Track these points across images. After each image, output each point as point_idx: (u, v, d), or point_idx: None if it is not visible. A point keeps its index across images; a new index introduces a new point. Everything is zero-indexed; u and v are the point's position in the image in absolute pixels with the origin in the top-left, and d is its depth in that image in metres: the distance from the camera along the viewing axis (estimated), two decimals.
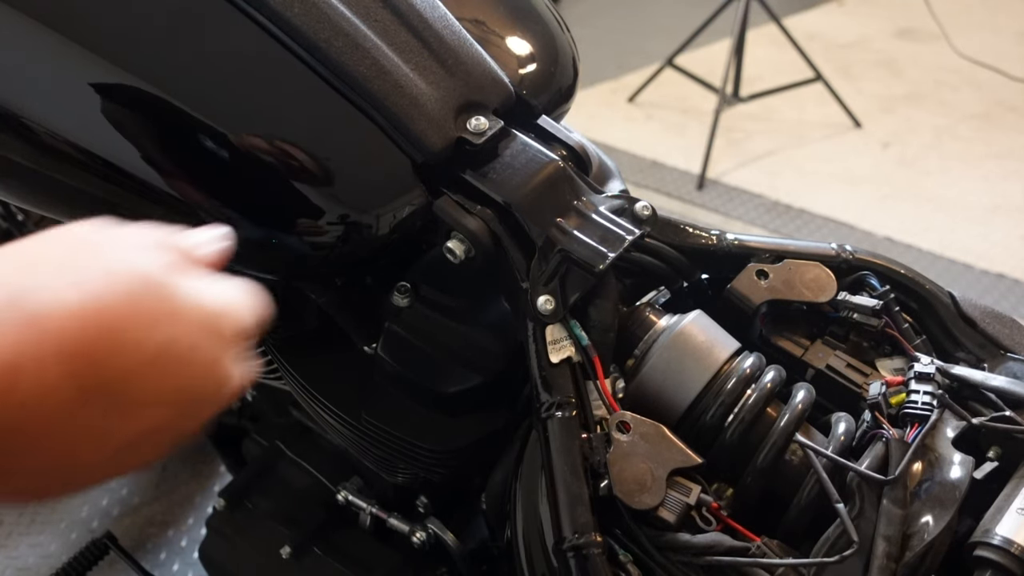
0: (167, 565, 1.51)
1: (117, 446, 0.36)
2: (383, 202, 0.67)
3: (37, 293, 0.33)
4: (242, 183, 0.66)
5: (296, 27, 0.61)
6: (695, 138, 2.81)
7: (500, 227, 0.67)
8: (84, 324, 0.33)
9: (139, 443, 0.37)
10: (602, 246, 0.65)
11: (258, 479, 0.95)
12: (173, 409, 0.37)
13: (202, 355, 0.38)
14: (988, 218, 2.47)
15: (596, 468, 0.60)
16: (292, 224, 0.66)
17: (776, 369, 0.66)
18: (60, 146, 0.66)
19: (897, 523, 0.56)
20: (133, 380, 0.35)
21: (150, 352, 0.35)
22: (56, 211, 0.82)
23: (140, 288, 0.36)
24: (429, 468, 0.82)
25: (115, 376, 0.34)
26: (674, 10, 3.70)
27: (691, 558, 0.58)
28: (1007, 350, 0.69)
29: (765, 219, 2.51)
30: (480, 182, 0.67)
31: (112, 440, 0.36)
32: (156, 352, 0.36)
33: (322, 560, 0.88)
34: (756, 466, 0.62)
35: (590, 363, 0.65)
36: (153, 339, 0.36)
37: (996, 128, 2.92)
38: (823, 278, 0.71)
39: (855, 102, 2.96)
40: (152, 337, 0.36)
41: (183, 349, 0.37)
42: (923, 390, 0.63)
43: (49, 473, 0.35)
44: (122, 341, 0.34)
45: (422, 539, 0.83)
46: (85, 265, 0.36)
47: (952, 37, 3.28)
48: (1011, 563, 0.53)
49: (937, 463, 0.59)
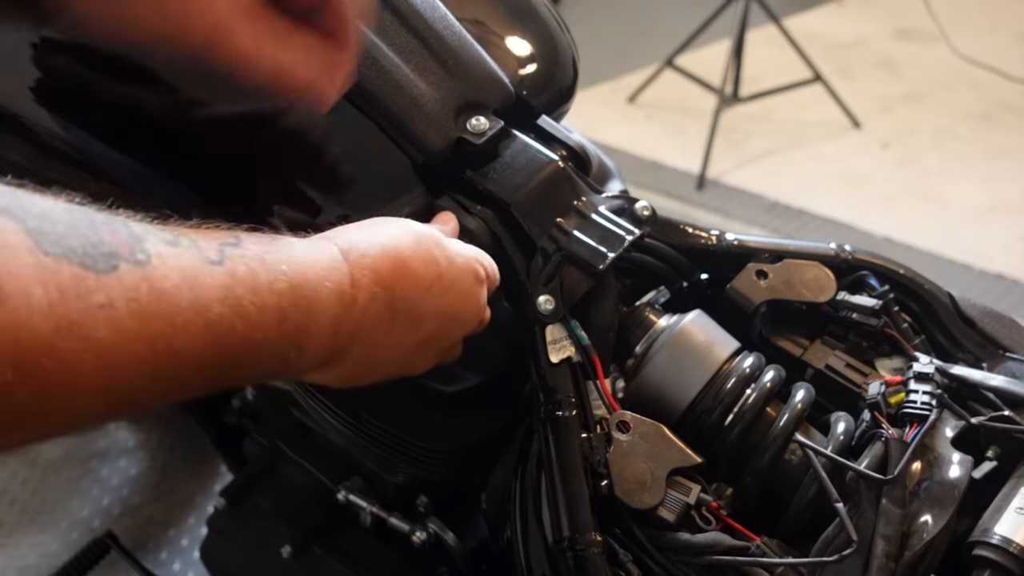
0: (168, 564, 1.50)
1: (406, 349, 0.53)
2: (383, 202, 0.67)
3: (358, 245, 0.49)
4: (242, 183, 0.66)
5: None
6: (695, 138, 2.81)
7: (500, 227, 0.67)
8: (387, 262, 0.50)
9: (419, 349, 0.54)
10: (602, 246, 0.65)
11: (258, 479, 0.95)
12: (439, 324, 0.54)
13: (460, 286, 0.55)
14: (987, 218, 2.48)
15: (596, 468, 0.60)
16: (292, 225, 0.66)
17: (776, 369, 0.66)
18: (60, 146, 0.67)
19: (896, 522, 0.56)
20: (418, 300, 0.51)
21: (428, 280, 0.52)
22: None
23: (418, 238, 0.53)
24: (429, 468, 0.82)
25: (409, 296, 0.51)
26: (674, 10, 3.70)
27: (691, 558, 0.58)
28: (1006, 350, 0.70)
29: (765, 219, 2.51)
30: (480, 182, 0.67)
31: (404, 344, 0.52)
32: (432, 281, 0.52)
33: (322, 560, 0.88)
34: (756, 466, 0.62)
35: (590, 363, 0.65)
36: (430, 272, 0.52)
37: (996, 128, 2.92)
38: (822, 278, 0.71)
39: (855, 102, 2.97)
40: (429, 270, 0.52)
41: (448, 281, 0.53)
42: (922, 390, 0.63)
43: (361, 365, 0.50)
44: (411, 271, 0.51)
45: (422, 539, 0.83)
46: (382, 230, 0.52)
47: (951, 37, 3.28)
48: (1010, 562, 0.53)
49: (936, 463, 0.59)
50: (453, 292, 0.54)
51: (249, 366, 0.41)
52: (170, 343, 0.36)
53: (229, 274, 0.39)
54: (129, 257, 0.35)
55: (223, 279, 0.39)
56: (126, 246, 0.35)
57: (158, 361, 0.36)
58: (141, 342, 0.34)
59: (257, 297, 0.40)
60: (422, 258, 0.52)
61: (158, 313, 0.35)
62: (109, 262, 0.34)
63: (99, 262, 0.33)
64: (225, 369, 0.40)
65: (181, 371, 0.37)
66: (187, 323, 0.36)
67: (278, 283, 0.42)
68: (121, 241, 0.35)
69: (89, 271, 0.33)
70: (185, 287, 0.36)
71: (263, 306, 0.40)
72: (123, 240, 0.35)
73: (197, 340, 0.37)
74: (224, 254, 0.40)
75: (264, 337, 0.41)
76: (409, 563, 0.85)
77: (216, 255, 0.39)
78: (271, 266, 0.42)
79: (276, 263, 0.42)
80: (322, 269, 0.45)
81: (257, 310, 0.40)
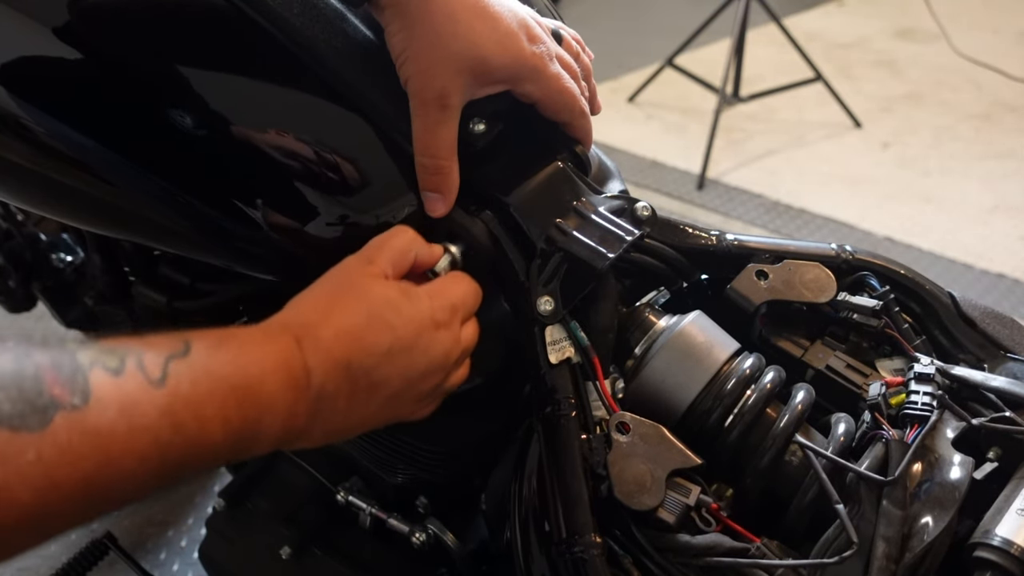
0: (167, 565, 1.50)
1: (375, 410, 0.55)
2: (383, 203, 0.67)
3: (313, 330, 0.52)
4: (242, 184, 0.66)
5: (295, 28, 0.61)
6: (695, 138, 2.81)
7: (500, 228, 0.67)
8: (340, 342, 0.52)
9: (392, 405, 0.56)
10: (602, 247, 0.65)
11: (258, 479, 0.95)
12: (404, 381, 0.56)
13: (420, 341, 0.56)
14: (988, 218, 2.47)
15: (596, 469, 0.60)
16: (292, 225, 0.66)
17: (776, 370, 0.66)
18: (59, 147, 0.66)
19: (897, 524, 0.56)
20: (375, 367, 0.53)
21: (384, 347, 0.54)
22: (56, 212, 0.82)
23: (371, 308, 0.54)
24: (429, 469, 0.82)
25: (364, 365, 0.53)
26: (674, 10, 3.70)
27: (691, 559, 0.58)
28: (1007, 350, 0.69)
29: (765, 219, 2.50)
30: (480, 183, 0.67)
31: (370, 407, 0.55)
32: (388, 345, 0.54)
33: (322, 560, 0.88)
34: (756, 467, 0.62)
35: (590, 364, 0.65)
36: (384, 339, 0.54)
37: (996, 128, 2.92)
38: (823, 278, 0.71)
39: (855, 102, 2.97)
40: (383, 338, 0.54)
41: (406, 341, 0.55)
42: (923, 391, 0.63)
43: (331, 433, 0.53)
44: (365, 345, 0.53)
45: (422, 539, 0.83)
46: (337, 305, 0.54)
47: (952, 37, 3.28)
48: (1011, 564, 0.53)
49: (937, 464, 0.59)
50: (414, 350, 0.55)
51: (198, 465, 0.44)
52: (105, 472, 0.39)
53: (170, 393, 0.42)
54: (67, 402, 0.37)
55: (163, 401, 0.41)
56: (66, 388, 0.38)
57: (94, 490, 0.38)
58: (74, 481, 0.37)
59: (198, 411, 0.43)
60: (376, 327, 0.54)
61: (92, 451, 0.38)
62: (45, 416, 0.36)
63: (31, 421, 0.36)
64: (170, 474, 0.43)
65: (120, 489, 0.40)
66: (124, 451, 0.39)
67: (220, 391, 0.44)
68: (61, 384, 0.38)
69: (21, 432, 0.36)
70: (122, 420, 0.39)
71: (204, 418, 0.43)
72: (64, 381, 0.38)
73: (132, 463, 0.40)
74: (167, 371, 0.42)
75: (209, 442, 0.44)
76: (409, 564, 0.85)
77: (159, 373, 0.42)
78: (215, 372, 0.45)
79: (221, 368, 0.45)
80: (272, 363, 0.48)
81: (197, 422, 0.43)
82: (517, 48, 0.63)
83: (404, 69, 0.61)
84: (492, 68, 0.62)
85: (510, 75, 0.64)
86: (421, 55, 0.60)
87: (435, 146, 0.63)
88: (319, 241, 0.66)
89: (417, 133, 0.63)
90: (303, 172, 0.64)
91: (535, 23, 0.66)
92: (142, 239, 0.84)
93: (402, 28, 0.60)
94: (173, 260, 0.98)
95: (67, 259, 1.34)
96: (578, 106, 0.68)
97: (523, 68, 0.64)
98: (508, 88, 0.65)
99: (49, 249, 1.35)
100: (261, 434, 0.47)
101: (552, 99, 0.66)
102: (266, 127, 0.64)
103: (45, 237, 1.35)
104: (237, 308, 0.89)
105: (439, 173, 0.64)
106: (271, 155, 0.64)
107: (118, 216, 0.73)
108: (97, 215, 0.75)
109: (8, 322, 1.97)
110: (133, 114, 0.64)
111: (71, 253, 1.35)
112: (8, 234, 1.36)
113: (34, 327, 1.97)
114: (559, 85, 0.66)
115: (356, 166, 0.66)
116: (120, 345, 0.42)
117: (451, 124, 0.63)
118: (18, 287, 1.38)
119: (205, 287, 0.94)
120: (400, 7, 0.60)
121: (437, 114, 0.62)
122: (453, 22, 0.59)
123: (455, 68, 0.60)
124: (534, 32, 0.64)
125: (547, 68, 0.65)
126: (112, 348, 0.41)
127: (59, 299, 1.35)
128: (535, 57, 0.64)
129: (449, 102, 0.61)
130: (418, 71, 0.61)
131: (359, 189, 0.67)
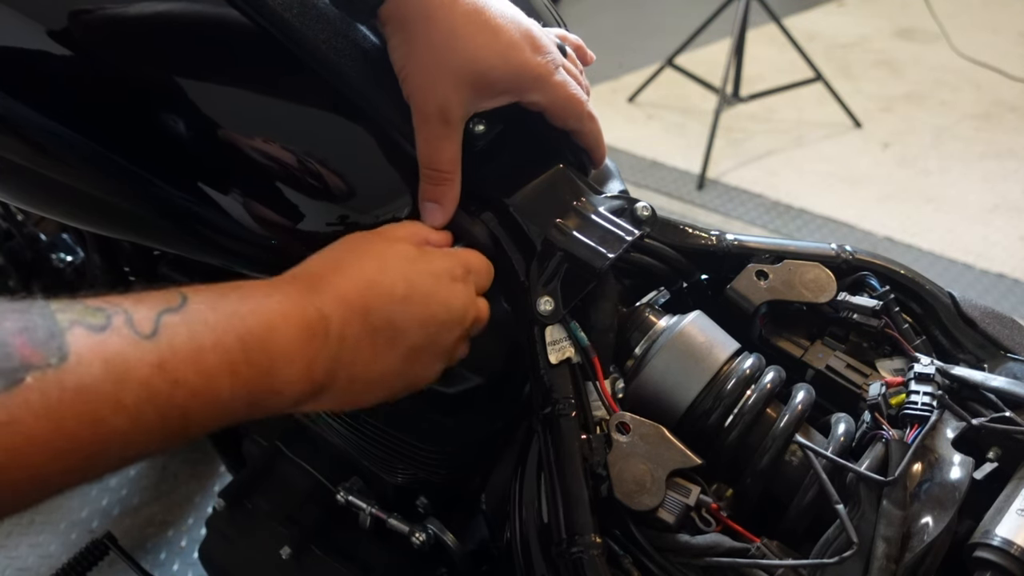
0: (167, 565, 1.50)
1: (397, 362, 0.54)
2: (382, 203, 0.67)
3: (323, 276, 0.52)
4: (243, 184, 0.66)
5: (295, 28, 0.61)
6: (695, 138, 2.81)
7: (499, 228, 0.67)
8: (353, 284, 0.52)
9: (412, 359, 0.55)
10: (602, 247, 0.65)
11: (258, 479, 0.95)
12: (424, 331, 0.55)
13: (438, 290, 0.56)
14: (988, 218, 2.48)
15: (595, 469, 0.60)
16: (292, 225, 0.66)
17: (776, 370, 0.66)
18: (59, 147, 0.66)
19: (897, 524, 0.56)
20: (395, 313, 0.53)
21: (401, 292, 0.54)
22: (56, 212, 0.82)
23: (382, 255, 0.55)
24: (429, 469, 0.82)
25: (383, 310, 0.53)
26: (674, 10, 3.70)
27: (691, 559, 0.58)
28: (1007, 351, 0.69)
29: (765, 219, 2.51)
30: (480, 183, 0.67)
31: (392, 358, 0.54)
32: (405, 292, 0.54)
33: (322, 560, 0.88)
34: (756, 467, 0.62)
35: (590, 364, 0.65)
36: (400, 284, 0.54)
37: (996, 128, 2.92)
38: (823, 278, 0.70)
39: (855, 102, 2.97)
40: (399, 283, 0.54)
41: (423, 288, 0.55)
42: (923, 391, 0.63)
43: (353, 388, 0.52)
44: (381, 288, 0.53)
45: (422, 539, 0.83)
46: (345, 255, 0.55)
47: (952, 37, 3.28)
48: (1011, 564, 0.53)
49: (937, 464, 0.59)
50: (432, 298, 0.55)
51: (209, 421, 0.43)
52: (94, 431, 0.38)
53: (166, 347, 0.41)
54: (40, 363, 0.37)
55: (156, 355, 0.40)
56: (38, 351, 0.37)
57: (85, 448, 0.38)
58: (60, 439, 0.37)
59: (199, 363, 0.42)
60: (390, 273, 0.54)
61: (74, 409, 0.37)
62: (13, 377, 0.36)
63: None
64: (176, 431, 0.42)
65: (119, 448, 0.39)
66: (114, 408, 0.38)
67: (224, 341, 0.43)
68: (33, 347, 0.37)
69: None
70: (108, 377, 0.38)
71: (206, 371, 0.42)
72: (36, 344, 0.37)
73: (124, 421, 0.39)
74: (160, 324, 0.41)
75: (215, 395, 0.43)
76: (409, 564, 0.85)
77: (150, 327, 0.41)
78: (216, 325, 0.43)
79: (223, 320, 0.44)
80: (281, 312, 0.47)
81: (200, 376, 0.42)
82: (519, 59, 0.63)
83: (406, 84, 0.62)
84: (494, 80, 0.62)
85: (513, 86, 0.64)
86: (422, 70, 0.60)
87: (438, 160, 0.63)
88: (319, 242, 0.66)
89: (420, 147, 0.63)
90: (303, 172, 0.64)
91: (540, 33, 0.66)
92: (141, 239, 0.84)
93: (403, 43, 0.61)
94: (173, 260, 0.98)
95: (67, 259, 1.34)
96: (585, 112, 0.68)
97: (526, 78, 0.64)
98: (513, 99, 0.65)
99: (49, 249, 1.35)
100: (278, 386, 0.46)
101: (558, 107, 0.66)
102: (265, 128, 0.64)
103: (45, 237, 1.35)
104: None
105: (442, 185, 0.64)
106: (271, 156, 0.64)
107: (117, 216, 0.73)
108: (96, 215, 0.75)
109: None
110: (133, 114, 0.64)
111: (71, 253, 1.35)
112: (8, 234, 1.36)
113: None
114: (565, 93, 0.66)
115: (357, 166, 0.67)
116: (107, 303, 0.41)
117: (454, 138, 0.63)
118: (18, 287, 1.38)
119: None
120: (401, 22, 0.60)
121: (439, 128, 0.62)
122: (453, 36, 0.60)
123: (456, 82, 0.61)
124: (538, 42, 0.64)
125: (551, 77, 0.65)
126: (98, 306, 0.40)
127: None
128: (539, 67, 0.64)
129: (451, 116, 0.61)
130: (419, 86, 0.61)
131: (359, 189, 0.67)
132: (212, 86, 0.63)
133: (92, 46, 0.62)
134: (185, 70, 0.62)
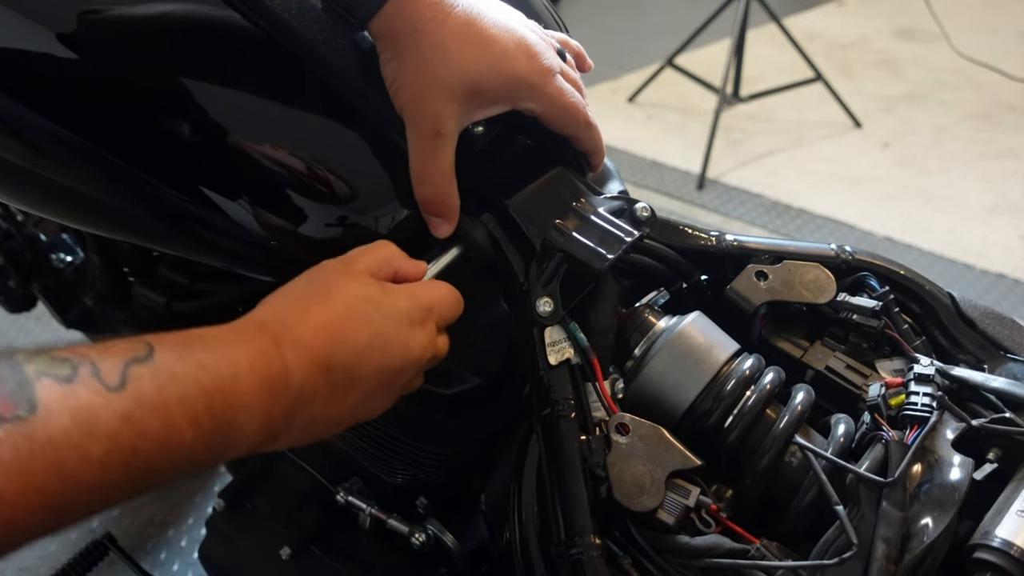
0: (167, 565, 1.51)
1: (352, 406, 0.55)
2: (382, 204, 0.67)
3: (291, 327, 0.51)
4: (243, 185, 0.66)
5: (294, 29, 0.61)
6: (695, 138, 2.81)
7: (499, 229, 0.67)
8: (320, 336, 0.52)
9: (367, 401, 0.56)
10: (601, 247, 0.65)
11: (258, 479, 0.95)
12: (380, 377, 0.56)
13: (398, 338, 0.56)
14: (988, 218, 2.47)
15: (595, 470, 0.60)
16: (292, 226, 0.66)
17: (775, 370, 0.66)
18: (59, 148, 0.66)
19: (896, 525, 0.56)
20: (355, 364, 0.53)
21: (364, 342, 0.54)
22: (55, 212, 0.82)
23: (349, 303, 0.54)
24: (428, 469, 0.82)
25: (344, 361, 0.53)
26: (674, 10, 3.70)
27: (690, 560, 0.58)
28: (1007, 351, 0.69)
29: (765, 219, 2.50)
30: (479, 184, 0.67)
31: (348, 403, 0.54)
32: (367, 341, 0.54)
33: (322, 560, 0.88)
34: (755, 468, 0.62)
35: (589, 365, 0.65)
36: (364, 334, 0.54)
37: (996, 128, 2.92)
38: (823, 279, 0.70)
39: (855, 102, 2.96)
40: (363, 333, 0.54)
41: (385, 336, 0.55)
42: (923, 391, 0.63)
43: (315, 425, 0.53)
44: (345, 339, 0.53)
45: (422, 540, 0.83)
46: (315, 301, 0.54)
47: (952, 37, 3.28)
48: (1011, 565, 0.53)
49: (937, 465, 0.59)
50: (391, 345, 0.55)
51: (172, 471, 0.44)
52: (62, 482, 0.38)
53: (132, 398, 0.41)
54: (9, 415, 0.37)
55: (123, 406, 0.41)
56: (8, 402, 0.37)
57: (53, 500, 0.38)
58: (29, 490, 0.37)
59: (164, 414, 0.42)
60: (355, 322, 0.54)
61: (43, 461, 0.37)
62: None
63: None
64: (140, 480, 0.42)
65: (86, 498, 0.40)
66: (81, 460, 0.39)
67: (189, 393, 0.44)
68: (3, 398, 0.37)
69: None
70: (76, 428, 0.39)
71: (171, 422, 0.42)
72: (6, 396, 0.37)
73: (92, 471, 0.39)
74: (127, 375, 0.42)
75: (178, 446, 0.43)
76: (408, 564, 0.85)
77: (117, 380, 0.41)
78: (181, 376, 0.44)
79: (189, 371, 0.44)
80: (247, 363, 0.47)
81: (164, 427, 0.42)
82: (512, 68, 0.62)
83: (397, 98, 0.62)
84: (486, 91, 0.62)
85: (506, 95, 0.64)
86: (412, 84, 0.60)
87: (432, 173, 0.63)
88: (318, 242, 0.66)
89: (414, 161, 0.63)
90: (303, 173, 0.64)
91: (538, 39, 0.65)
92: (141, 240, 0.84)
93: (394, 57, 0.60)
94: (173, 261, 0.98)
95: (67, 259, 1.34)
96: (583, 118, 0.67)
97: (519, 87, 0.63)
98: (509, 107, 0.65)
99: (49, 249, 1.35)
100: (236, 435, 0.47)
101: (554, 114, 0.66)
102: (264, 129, 0.64)
103: (45, 237, 1.35)
104: (236, 309, 0.89)
105: (438, 200, 0.64)
106: (270, 157, 0.64)
107: (117, 217, 0.73)
108: (95, 216, 0.75)
109: (8, 322, 1.97)
110: (133, 116, 0.64)
111: (71, 253, 1.35)
112: (8, 234, 1.36)
113: (34, 327, 1.97)
114: (561, 100, 0.65)
115: (356, 167, 0.66)
116: (73, 354, 0.41)
117: (447, 150, 0.63)
118: (18, 287, 1.38)
119: (204, 288, 0.94)
120: (392, 37, 0.60)
121: (432, 141, 0.62)
122: (443, 50, 0.59)
123: (447, 95, 0.60)
124: (533, 50, 0.64)
125: (546, 85, 0.64)
126: (64, 357, 0.40)
127: (59, 299, 1.35)
128: (532, 75, 0.63)
129: (443, 129, 0.61)
130: (410, 100, 0.61)
131: (358, 190, 0.67)
132: (210, 87, 0.63)
133: (91, 48, 0.62)
134: (183, 71, 0.62)
